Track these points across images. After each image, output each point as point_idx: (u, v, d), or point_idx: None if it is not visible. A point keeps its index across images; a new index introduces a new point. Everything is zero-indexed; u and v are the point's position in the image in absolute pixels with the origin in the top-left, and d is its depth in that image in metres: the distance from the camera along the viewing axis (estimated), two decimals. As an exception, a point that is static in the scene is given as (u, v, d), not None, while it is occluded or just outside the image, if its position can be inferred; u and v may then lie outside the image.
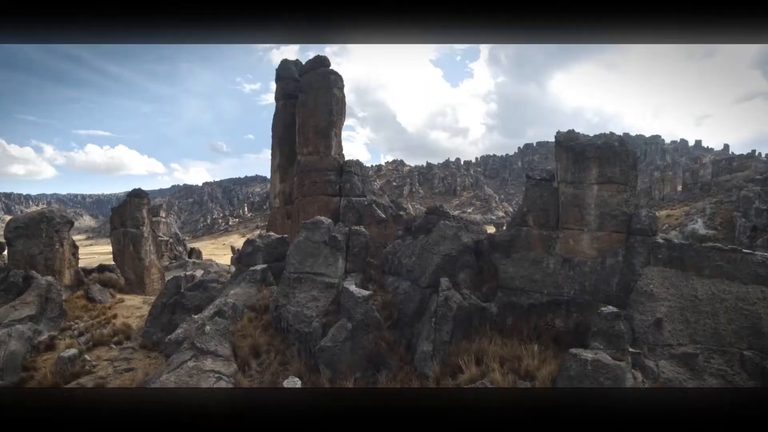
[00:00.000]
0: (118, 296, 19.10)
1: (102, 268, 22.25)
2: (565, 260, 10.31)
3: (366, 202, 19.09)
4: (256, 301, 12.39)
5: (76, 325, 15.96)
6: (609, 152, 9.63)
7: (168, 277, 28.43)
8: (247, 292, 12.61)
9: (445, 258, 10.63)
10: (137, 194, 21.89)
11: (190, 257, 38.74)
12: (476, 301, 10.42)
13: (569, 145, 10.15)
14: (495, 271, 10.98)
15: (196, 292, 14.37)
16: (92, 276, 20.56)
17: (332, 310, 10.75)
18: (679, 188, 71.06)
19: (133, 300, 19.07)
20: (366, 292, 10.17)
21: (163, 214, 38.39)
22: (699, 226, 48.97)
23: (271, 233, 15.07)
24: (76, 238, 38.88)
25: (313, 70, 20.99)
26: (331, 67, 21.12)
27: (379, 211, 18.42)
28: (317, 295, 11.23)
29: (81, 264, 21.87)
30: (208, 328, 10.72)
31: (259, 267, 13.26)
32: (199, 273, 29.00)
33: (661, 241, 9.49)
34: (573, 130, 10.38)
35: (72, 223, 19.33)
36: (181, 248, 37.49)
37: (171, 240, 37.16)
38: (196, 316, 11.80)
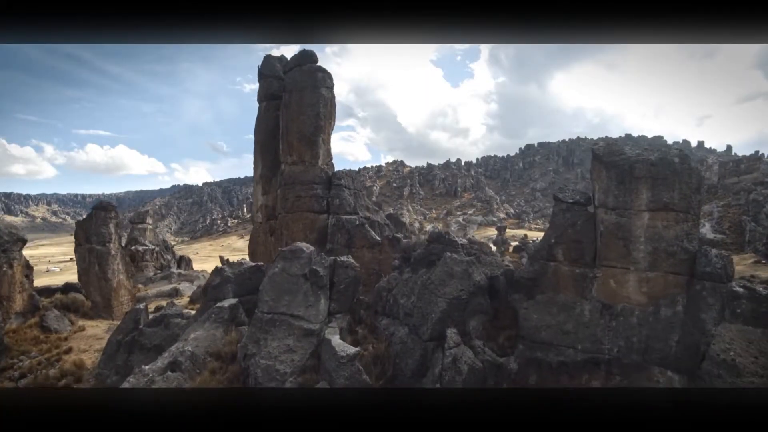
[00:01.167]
0: (80, 323, 16.86)
1: (68, 288, 20.03)
2: (605, 307, 8.11)
3: (357, 222, 16.82)
4: (222, 347, 10.18)
5: (20, 363, 13.76)
6: (666, 171, 7.40)
7: (151, 291, 26.19)
8: (211, 334, 10.39)
9: (453, 303, 8.42)
10: (103, 207, 19.50)
11: (179, 266, 36.53)
12: (492, 356, 8.25)
13: (612, 161, 7.88)
14: (514, 315, 8.81)
15: (156, 329, 12.16)
16: (54, 298, 18.37)
17: (311, 366, 8.56)
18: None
19: (96, 327, 16.83)
20: (352, 350, 7.92)
21: (149, 220, 36.00)
22: (707, 230, 46.84)
23: (244, 260, 12.69)
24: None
25: (299, 67, 18.32)
26: (318, 64, 18.47)
27: (372, 233, 16.26)
28: (293, 345, 9.03)
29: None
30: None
31: (227, 303, 11.01)
32: (184, 286, 26.70)
33: (739, 290, 7.09)
34: (614, 141, 8.25)
35: (24, 241, 17.04)
36: (169, 256, 35.17)
37: (157, 249, 34.83)
38: (146, 368, 9.63)
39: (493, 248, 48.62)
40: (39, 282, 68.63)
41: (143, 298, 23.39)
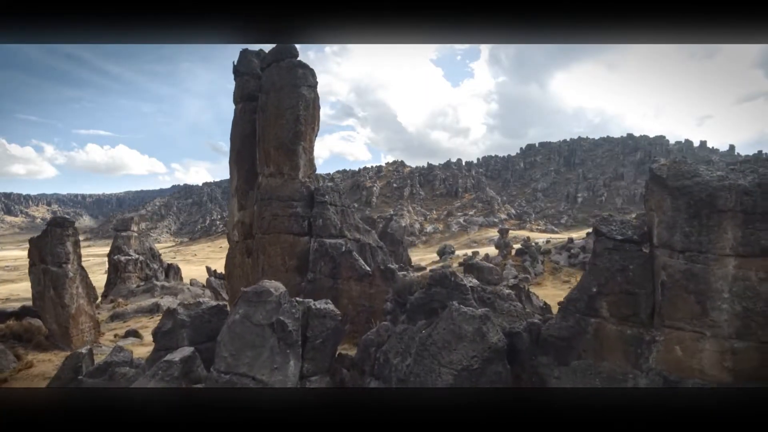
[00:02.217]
0: (30, 357, 14.62)
1: (24, 312, 17.89)
2: (668, 382, 5.99)
3: (344, 248, 14.44)
4: (169, 414, 8.09)
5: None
6: (766, 202, 5.29)
7: (130, 306, 23.96)
8: (156, 397, 8.31)
9: (462, 375, 6.19)
10: (59, 223, 17.18)
11: (167, 275, 34.38)
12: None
13: (682, 186, 5.65)
14: (541, 386, 6.71)
15: (99, 380, 10.06)
16: (6, 325, 16.23)
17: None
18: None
19: (47, 363, 14.52)
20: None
21: (134, 227, 33.83)
22: (722, 235, 44.94)
23: (203, 301, 10.32)
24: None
25: (276, 64, 16.04)
26: (299, 59, 16.14)
27: (361, 262, 13.94)
28: (253, 423, 6.93)
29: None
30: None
31: (179, 355, 8.77)
32: (166, 301, 24.57)
33: None
34: (683, 160, 6.20)
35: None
36: (156, 265, 33.10)
37: (142, 258, 32.75)
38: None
39: (495, 251, 46.62)
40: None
41: (121, 315, 21.70)
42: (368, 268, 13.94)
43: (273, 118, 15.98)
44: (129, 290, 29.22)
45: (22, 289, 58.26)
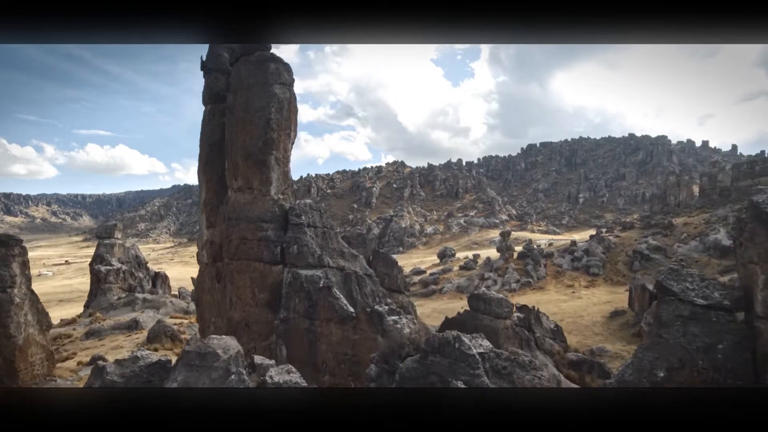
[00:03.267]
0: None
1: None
2: None
3: (323, 282, 12.17)
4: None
5: None
6: None
7: (107, 322, 22.04)
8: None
9: None
10: (3, 242, 14.96)
11: (154, 284, 33.25)
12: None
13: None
14: None
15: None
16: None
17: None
18: (696, 193, 66.54)
19: None
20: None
21: (118, 235, 32.19)
22: (722, 236, 44.49)
23: (141, 355, 8.27)
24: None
25: (245, 57, 13.94)
26: (272, 51, 14.29)
27: (343, 302, 12.02)
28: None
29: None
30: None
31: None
32: (146, 316, 22.80)
33: None
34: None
35: None
36: (142, 274, 31.88)
37: (125, 268, 30.95)
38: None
39: (496, 254, 46.33)
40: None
41: (98, 332, 20.14)
42: (351, 310, 11.97)
43: (240, 122, 13.70)
44: (109, 303, 27.32)
45: (21, 291, 58.20)
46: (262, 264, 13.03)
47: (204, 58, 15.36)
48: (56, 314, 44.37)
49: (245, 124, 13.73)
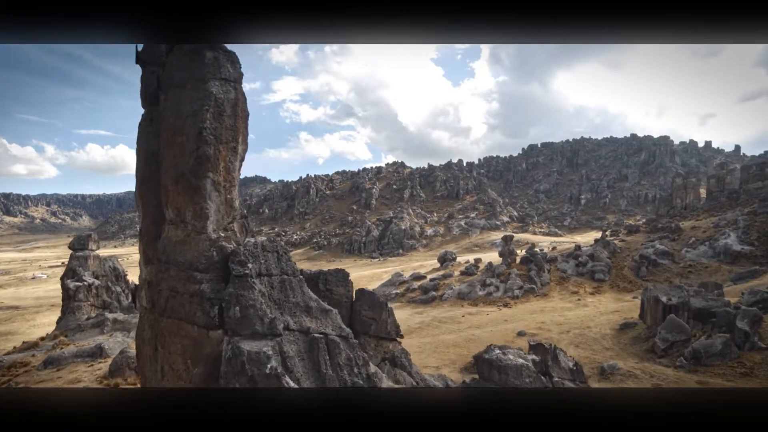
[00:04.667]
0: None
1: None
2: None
3: (271, 366, 8.96)
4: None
5: None
6: None
7: (69, 349, 19.59)
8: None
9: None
10: None
11: (134, 299, 31.00)
12: None
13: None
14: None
15: None
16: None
17: None
18: (703, 195, 65.23)
19: None
20: None
21: (93, 246, 29.45)
22: (732, 240, 43.21)
23: None
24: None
25: (180, 46, 10.97)
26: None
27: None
28: None
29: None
30: None
31: None
32: (114, 341, 20.49)
33: None
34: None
35: None
36: (120, 287, 29.45)
37: (98, 282, 28.14)
38: None
39: (498, 259, 45.06)
40: (20, 292, 64.19)
41: (57, 360, 17.64)
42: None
43: (171, 132, 10.63)
44: (77, 323, 24.46)
45: (8, 296, 57.10)
46: (195, 328, 9.79)
47: (139, 51, 12.09)
48: (45, 320, 43.25)
49: (175, 135, 10.52)
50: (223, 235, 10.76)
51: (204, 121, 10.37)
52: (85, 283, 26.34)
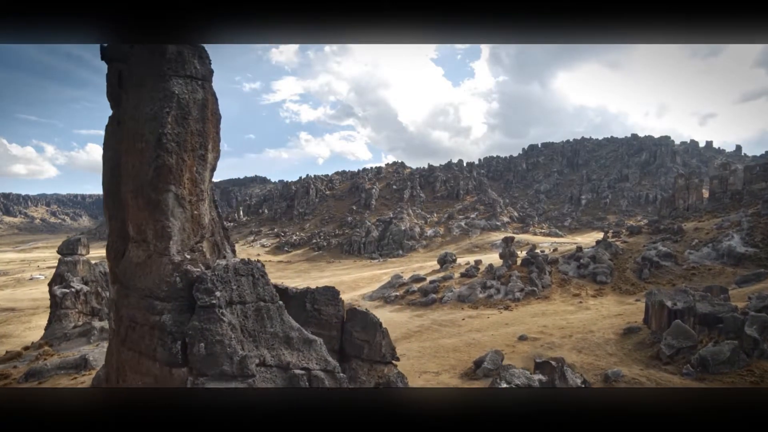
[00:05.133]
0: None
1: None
2: None
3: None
4: None
5: None
6: None
7: (52, 360, 18.54)
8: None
9: None
10: None
11: None
12: None
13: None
14: None
15: None
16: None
17: None
18: (705, 196, 64.71)
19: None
20: None
21: (83, 251, 28.57)
22: (736, 242, 42.68)
23: None
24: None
25: (139, 43, 9.56)
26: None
27: None
28: None
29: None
30: None
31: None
32: (100, 351, 19.20)
33: None
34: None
35: None
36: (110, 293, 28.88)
37: (87, 289, 27.08)
38: None
39: (499, 261, 44.56)
40: (17, 293, 63.47)
41: (39, 372, 16.66)
42: None
43: (130, 137, 9.47)
44: (63, 332, 23.39)
45: (5, 298, 56.59)
46: (156, 365, 8.68)
47: (104, 48, 10.82)
48: (42, 323, 42.69)
49: (135, 141, 9.31)
50: (189, 257, 9.50)
51: (164, 126, 9.10)
52: (73, 289, 25.61)
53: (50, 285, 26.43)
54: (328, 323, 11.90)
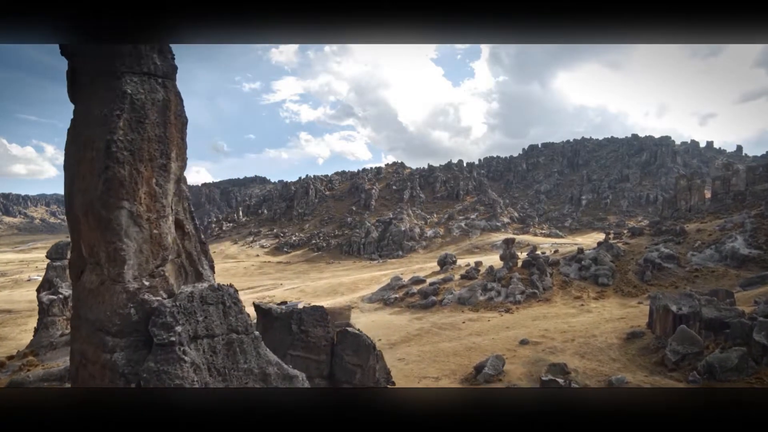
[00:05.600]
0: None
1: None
2: None
3: None
4: None
5: None
6: None
7: (35, 371, 17.57)
8: None
9: None
10: None
11: None
12: None
13: None
14: None
15: None
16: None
17: None
18: (708, 197, 64.28)
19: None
20: None
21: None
22: (739, 244, 42.21)
23: None
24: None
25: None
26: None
27: None
28: None
29: None
30: None
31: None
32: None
33: None
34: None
35: None
36: None
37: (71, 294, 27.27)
38: None
39: (500, 263, 44.08)
40: (14, 294, 63.15)
41: (19, 385, 16.07)
42: None
43: (81, 144, 8.39)
44: (50, 341, 22.16)
45: (2, 299, 56.16)
46: None
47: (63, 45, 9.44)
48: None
49: (86, 149, 8.19)
50: (147, 284, 8.21)
51: (114, 131, 7.82)
52: (61, 296, 24.93)
53: (38, 291, 25.79)
54: (316, 346, 11.12)
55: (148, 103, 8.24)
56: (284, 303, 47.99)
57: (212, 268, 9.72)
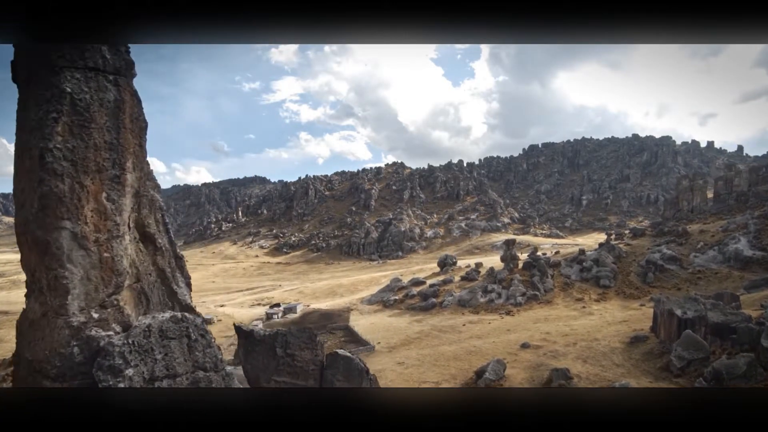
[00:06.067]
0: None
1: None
2: None
3: None
4: None
5: None
6: None
7: None
8: None
9: None
10: None
11: None
12: None
13: None
14: None
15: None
16: None
17: None
18: (709, 197, 63.86)
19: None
20: None
21: None
22: (743, 245, 41.79)
23: None
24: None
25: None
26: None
27: None
28: None
29: None
30: None
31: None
32: None
33: None
34: None
35: None
36: None
37: None
38: None
39: (500, 264, 43.58)
40: (11, 296, 62.48)
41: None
42: None
43: (19, 152, 7.25)
44: None
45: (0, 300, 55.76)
46: None
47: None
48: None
49: (24, 157, 6.97)
50: (96, 316, 7.02)
51: (50, 138, 6.47)
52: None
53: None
54: (303, 371, 10.38)
55: (95, 104, 7.01)
56: (277, 305, 46.93)
57: (189, 285, 8.86)
